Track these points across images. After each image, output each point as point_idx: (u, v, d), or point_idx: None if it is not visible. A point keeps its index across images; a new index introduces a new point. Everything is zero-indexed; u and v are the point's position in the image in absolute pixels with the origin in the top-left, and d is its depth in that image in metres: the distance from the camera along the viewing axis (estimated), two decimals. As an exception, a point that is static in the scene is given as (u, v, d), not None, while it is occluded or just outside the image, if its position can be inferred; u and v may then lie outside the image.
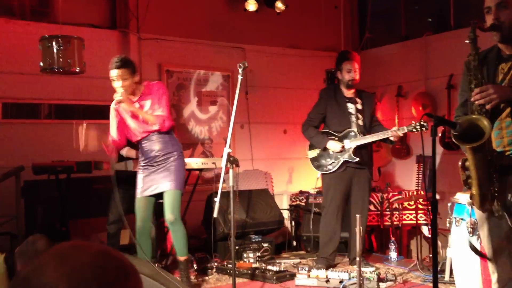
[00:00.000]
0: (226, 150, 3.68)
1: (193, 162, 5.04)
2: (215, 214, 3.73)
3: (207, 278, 4.69)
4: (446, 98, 6.23)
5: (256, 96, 6.81)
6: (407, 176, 6.82)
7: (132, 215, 4.30)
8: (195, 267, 4.91)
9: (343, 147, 4.80)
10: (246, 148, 6.71)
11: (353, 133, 4.84)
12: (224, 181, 3.90)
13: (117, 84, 4.05)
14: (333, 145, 4.81)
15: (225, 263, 4.96)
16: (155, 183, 4.13)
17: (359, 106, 4.92)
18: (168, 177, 4.10)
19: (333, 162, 4.86)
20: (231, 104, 6.29)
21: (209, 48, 6.50)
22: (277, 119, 6.99)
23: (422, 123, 4.42)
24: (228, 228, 5.18)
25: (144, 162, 4.19)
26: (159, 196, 4.18)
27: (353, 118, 4.88)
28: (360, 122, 4.89)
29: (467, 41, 2.49)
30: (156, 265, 4.76)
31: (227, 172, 3.81)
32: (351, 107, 4.90)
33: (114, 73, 4.05)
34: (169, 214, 4.10)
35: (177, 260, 4.31)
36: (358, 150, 4.84)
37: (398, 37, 7.23)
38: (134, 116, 4.11)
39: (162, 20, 6.21)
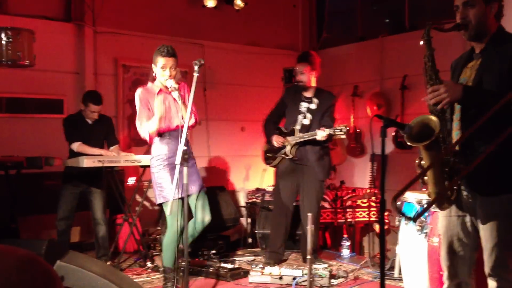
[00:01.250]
0: (181, 147, 3.66)
1: (148, 159, 4.98)
2: (168, 212, 3.71)
3: (160, 276, 4.65)
4: (400, 98, 6.37)
5: (214, 93, 6.79)
6: (361, 174, 6.95)
7: (82, 212, 4.21)
8: (149, 265, 4.87)
9: (282, 143, 4.87)
10: (203, 145, 6.69)
11: (292, 131, 4.92)
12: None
13: (168, 73, 3.91)
14: (274, 140, 4.90)
15: (179, 260, 4.93)
16: (180, 185, 3.80)
17: (313, 106, 4.96)
18: (196, 180, 3.98)
19: (275, 157, 5.02)
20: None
21: (167, 43, 6.33)
22: (235, 116, 7.00)
23: (341, 127, 4.55)
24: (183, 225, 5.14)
25: (167, 158, 3.93)
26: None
27: (300, 117, 4.93)
28: (306, 121, 4.92)
29: (421, 43, 2.53)
30: (108, 263, 4.71)
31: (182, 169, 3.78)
32: (304, 106, 4.95)
33: (168, 61, 3.92)
34: (208, 216, 4.04)
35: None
36: (302, 148, 4.88)
37: (354, 38, 7.35)
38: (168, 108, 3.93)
39: (119, 14, 6.11)
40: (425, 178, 2.49)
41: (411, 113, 6.21)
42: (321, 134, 4.62)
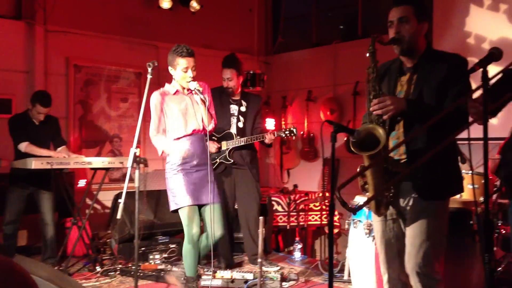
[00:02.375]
0: (133, 150, 3.61)
1: (99, 161, 4.90)
2: (118, 215, 3.65)
3: (110, 280, 4.59)
4: (352, 104, 6.50)
5: (168, 95, 6.74)
6: (314, 178, 7.04)
7: (30, 216, 4.09)
8: (98, 269, 4.79)
9: (218, 148, 4.87)
10: (157, 147, 6.62)
11: (230, 135, 4.91)
12: (132, 180, 3.82)
13: (191, 74, 3.70)
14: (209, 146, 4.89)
15: (130, 264, 4.87)
16: (199, 193, 3.71)
17: (243, 109, 4.99)
18: (210, 190, 3.73)
19: (213, 162, 4.94)
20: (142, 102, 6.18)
21: (121, 44, 6.36)
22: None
23: (291, 129, 4.62)
24: (134, 229, 5.08)
25: (182, 163, 3.73)
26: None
27: (234, 120, 4.95)
28: (240, 124, 4.95)
29: (367, 55, 2.60)
30: (56, 267, 4.60)
31: (134, 172, 3.74)
32: (234, 109, 4.97)
33: (190, 61, 3.69)
34: (221, 230, 3.77)
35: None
36: (238, 151, 4.91)
37: (309, 43, 7.45)
38: (183, 110, 3.75)
39: (71, 13, 5.99)
40: (366, 185, 2.58)
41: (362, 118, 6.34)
42: (270, 137, 4.66)
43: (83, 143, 6.11)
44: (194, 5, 6.58)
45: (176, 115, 3.72)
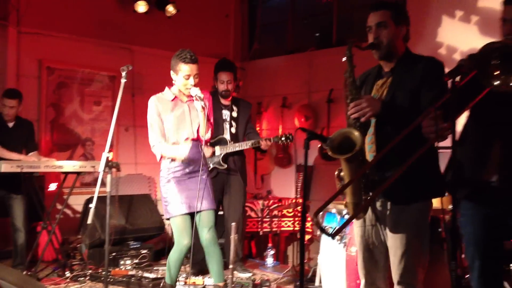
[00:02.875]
0: (105, 154, 3.58)
1: (70, 165, 4.84)
2: (89, 220, 3.61)
3: (79, 286, 4.52)
4: (326, 111, 6.55)
5: (143, 99, 6.66)
6: (288, 184, 7.06)
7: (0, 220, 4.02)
8: (68, 274, 4.71)
9: (213, 153, 4.87)
10: (130, 151, 6.57)
11: (224, 140, 4.93)
12: (104, 185, 3.78)
13: (193, 81, 3.60)
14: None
15: (100, 270, 4.81)
16: (189, 200, 3.62)
17: (235, 114, 5.03)
18: (206, 196, 3.66)
19: None
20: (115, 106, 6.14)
21: (95, 47, 6.30)
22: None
23: (287, 135, 4.65)
24: (105, 234, 5.02)
25: (175, 171, 3.67)
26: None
27: (227, 126, 4.98)
28: (233, 130, 4.99)
29: (344, 59, 2.63)
30: (25, 272, 4.52)
31: (106, 176, 3.70)
32: (226, 115, 4.99)
33: (193, 68, 3.59)
34: (207, 233, 3.67)
35: (216, 287, 3.78)
36: (230, 156, 4.93)
37: (285, 50, 7.49)
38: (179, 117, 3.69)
39: (45, 15, 5.91)
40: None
41: (336, 125, 6.40)
42: (264, 143, 4.69)
43: (55, 146, 6.02)
44: (170, 9, 6.56)
45: (171, 121, 3.65)
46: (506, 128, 2.44)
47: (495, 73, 2.13)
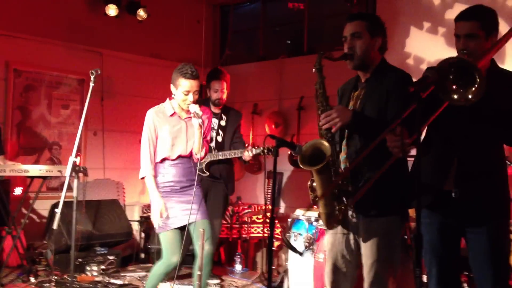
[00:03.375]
0: (72, 159, 3.54)
1: (37, 169, 4.76)
2: (55, 225, 3.55)
3: (44, 292, 4.44)
4: (297, 118, 6.59)
5: (112, 103, 6.63)
6: (258, 191, 7.07)
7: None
8: (33, 280, 4.62)
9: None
10: (98, 156, 6.49)
11: (211, 149, 4.93)
12: (71, 190, 3.73)
13: (192, 98, 3.50)
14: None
15: (66, 276, 4.73)
16: (180, 214, 3.56)
17: (223, 123, 5.06)
18: (196, 209, 3.59)
19: None
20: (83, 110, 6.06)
21: (64, 49, 6.21)
22: (133, 128, 6.84)
23: (270, 147, 4.66)
24: (71, 239, 4.95)
25: (166, 186, 3.60)
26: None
27: (213, 134, 4.99)
28: (219, 138, 5.01)
29: (313, 71, 2.66)
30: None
31: (73, 181, 3.65)
32: (214, 123, 5.00)
33: (193, 85, 3.48)
34: (211, 245, 3.65)
35: None
36: (215, 164, 4.93)
37: (256, 57, 7.52)
38: (174, 133, 3.61)
39: (13, 16, 5.80)
40: (317, 199, 2.61)
41: (306, 133, 6.44)
42: (246, 154, 4.69)
43: (21, 150, 5.90)
44: (141, 13, 6.52)
45: (166, 137, 3.57)
46: (462, 141, 2.50)
47: (453, 88, 2.20)
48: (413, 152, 2.55)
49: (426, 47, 5.45)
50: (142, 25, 6.66)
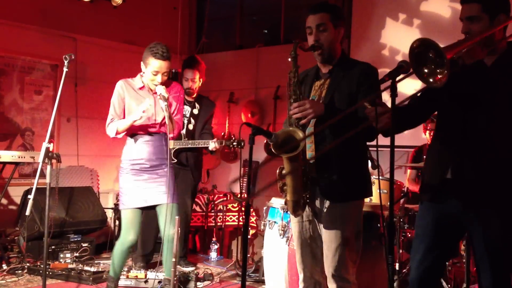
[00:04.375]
0: (45, 145, 3.49)
1: (9, 155, 4.68)
2: (27, 212, 3.50)
3: (17, 279, 4.39)
4: (273, 107, 6.62)
5: (86, 89, 6.54)
6: (233, 179, 7.09)
7: None
8: (4, 267, 4.56)
9: None
10: (72, 142, 6.41)
11: (179, 136, 4.91)
12: (44, 176, 3.68)
13: (160, 79, 3.45)
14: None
15: (38, 263, 4.68)
16: (148, 194, 3.54)
17: (195, 111, 5.04)
18: (163, 191, 3.56)
19: None
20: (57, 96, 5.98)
21: (37, 34, 6.09)
22: (107, 115, 6.78)
23: (239, 141, 4.67)
24: (44, 226, 4.90)
25: (136, 163, 3.58)
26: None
27: (185, 121, 4.97)
28: (191, 126, 5.00)
29: (289, 59, 2.67)
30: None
31: (46, 167, 3.61)
32: (186, 110, 4.98)
33: (162, 64, 3.43)
34: (172, 229, 3.55)
35: (166, 280, 3.71)
36: (183, 152, 4.92)
37: (233, 45, 7.50)
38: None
39: (-16, -1, 5.67)
40: (285, 187, 2.64)
41: (282, 122, 6.40)
42: (213, 145, 4.67)
43: (-8, 136, 5.80)
44: (117, -1, 6.43)
45: (134, 107, 3.53)
46: (465, 130, 2.46)
47: (425, 71, 2.20)
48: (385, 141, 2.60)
49: (402, 39, 5.51)
50: (117, 11, 6.56)
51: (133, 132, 3.61)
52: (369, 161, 3.68)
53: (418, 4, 5.48)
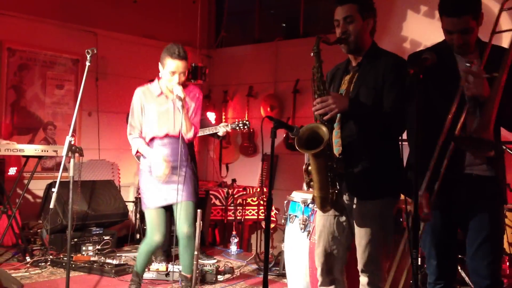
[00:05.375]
0: (68, 138, 3.52)
1: (32, 149, 4.74)
2: (51, 205, 3.54)
3: (40, 271, 4.45)
4: (292, 101, 6.60)
5: (107, 84, 6.59)
6: (253, 173, 7.09)
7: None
8: (28, 260, 4.63)
9: None
10: (93, 136, 6.47)
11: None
12: (66, 170, 3.72)
13: (177, 79, 3.46)
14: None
15: (62, 256, 4.75)
16: (166, 193, 3.55)
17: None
18: (181, 189, 3.54)
19: None
20: (78, 90, 6.03)
21: (59, 29, 6.15)
22: (128, 109, 6.76)
23: (245, 121, 4.66)
24: (67, 219, 4.96)
25: (150, 166, 3.57)
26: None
27: None
28: None
29: (312, 54, 2.64)
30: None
31: (69, 161, 3.64)
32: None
33: (179, 64, 3.44)
34: (187, 227, 3.52)
35: (182, 276, 3.72)
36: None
37: (251, 39, 7.49)
38: (160, 112, 3.57)
39: (6, -6, 5.74)
40: (311, 183, 2.62)
41: (301, 116, 6.45)
42: (222, 130, 4.68)
43: (15, 130, 5.87)
44: (137, -7, 6.46)
45: (153, 116, 3.55)
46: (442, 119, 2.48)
47: None
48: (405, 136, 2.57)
49: (423, 31, 5.44)
50: (137, 5, 6.60)
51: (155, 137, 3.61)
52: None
53: (440, -4, 5.41)
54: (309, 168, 2.61)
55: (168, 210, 3.72)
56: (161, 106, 3.56)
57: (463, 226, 2.54)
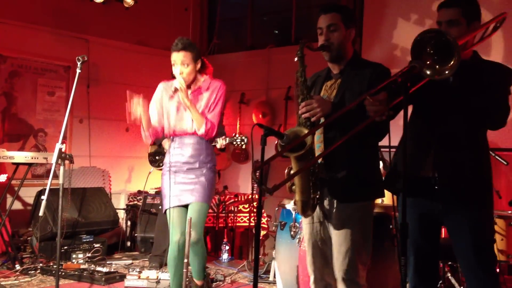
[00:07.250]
0: (58, 145, 3.52)
1: (22, 156, 4.72)
2: (41, 212, 3.52)
3: (30, 279, 4.42)
4: (284, 108, 6.61)
5: (98, 91, 6.58)
6: (245, 180, 7.09)
7: None
8: (18, 267, 4.60)
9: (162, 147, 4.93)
10: (84, 143, 6.45)
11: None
12: (57, 177, 3.70)
13: (178, 70, 3.45)
14: (165, 143, 4.90)
15: (51, 263, 4.72)
16: (179, 193, 3.47)
17: None
18: (195, 190, 3.45)
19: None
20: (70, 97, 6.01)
21: (50, 36, 6.14)
22: (119, 116, 6.75)
23: (243, 137, 4.65)
24: (57, 227, 4.93)
25: (169, 166, 3.53)
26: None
27: None
28: None
29: (295, 59, 2.66)
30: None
31: (58, 168, 3.63)
32: None
33: (176, 56, 3.46)
34: (193, 233, 3.35)
35: (193, 283, 3.60)
36: None
37: (243, 46, 7.50)
38: (178, 108, 3.51)
39: (-3, 1, 5.73)
40: (293, 187, 2.63)
41: (293, 122, 6.40)
42: (221, 142, 4.68)
43: (6, 137, 5.85)
44: (128, 0, 6.47)
45: (173, 111, 3.52)
46: (441, 127, 2.53)
47: (427, 62, 2.22)
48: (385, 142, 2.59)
49: (413, 39, 5.47)
50: (129, 12, 6.61)
51: (174, 135, 3.57)
52: (380, 162, 3.67)
53: (430, 4, 5.43)
54: (291, 172, 2.63)
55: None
56: (177, 102, 3.53)
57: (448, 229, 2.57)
